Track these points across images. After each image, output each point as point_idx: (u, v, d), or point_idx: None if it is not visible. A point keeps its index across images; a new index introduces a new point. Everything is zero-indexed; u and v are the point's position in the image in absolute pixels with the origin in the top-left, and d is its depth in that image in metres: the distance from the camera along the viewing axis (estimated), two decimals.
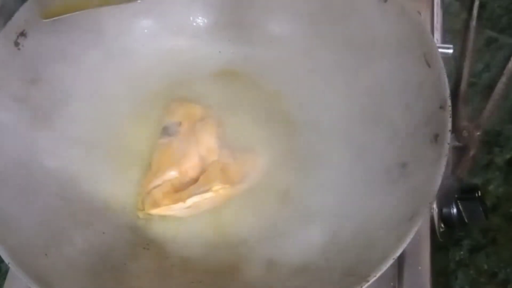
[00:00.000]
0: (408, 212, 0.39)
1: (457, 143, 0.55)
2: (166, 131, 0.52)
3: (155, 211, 0.47)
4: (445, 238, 0.49)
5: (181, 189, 0.48)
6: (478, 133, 0.56)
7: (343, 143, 0.50)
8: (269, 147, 0.51)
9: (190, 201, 0.47)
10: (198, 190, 0.47)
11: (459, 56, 0.61)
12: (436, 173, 0.39)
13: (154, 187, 0.48)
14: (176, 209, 0.47)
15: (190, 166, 0.49)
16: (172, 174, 0.49)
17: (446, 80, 0.42)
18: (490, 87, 0.59)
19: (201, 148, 0.50)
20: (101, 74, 0.54)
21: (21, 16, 0.48)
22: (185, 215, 0.48)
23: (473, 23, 0.63)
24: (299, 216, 0.47)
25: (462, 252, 0.51)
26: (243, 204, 0.49)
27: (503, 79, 0.59)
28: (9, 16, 0.48)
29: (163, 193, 0.48)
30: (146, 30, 0.56)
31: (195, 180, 0.49)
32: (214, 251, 0.47)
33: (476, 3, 0.64)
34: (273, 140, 0.51)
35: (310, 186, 0.49)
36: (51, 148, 0.49)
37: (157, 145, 0.51)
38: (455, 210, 0.47)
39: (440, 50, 0.48)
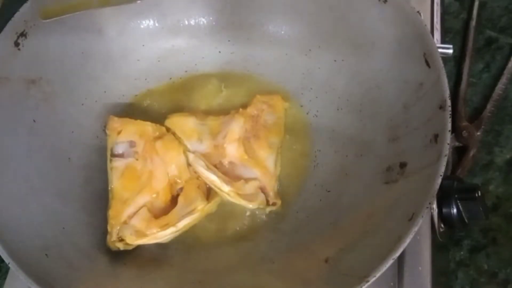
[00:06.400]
0: (408, 212, 0.39)
1: (457, 143, 0.55)
2: (117, 153, 0.48)
3: (141, 241, 0.45)
4: (445, 238, 0.49)
5: (159, 214, 0.46)
6: (478, 133, 0.55)
7: (343, 143, 0.50)
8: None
9: (181, 225, 0.45)
10: (183, 212, 0.45)
11: (459, 56, 0.61)
12: (436, 173, 0.39)
13: (129, 216, 0.45)
14: (166, 235, 0.45)
15: (162, 188, 0.47)
16: (144, 199, 0.46)
17: (446, 80, 0.42)
18: (490, 87, 0.59)
19: (170, 167, 0.47)
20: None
21: (21, 16, 0.48)
22: (168, 239, 0.46)
23: (473, 23, 0.63)
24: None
25: (462, 252, 0.51)
26: None
27: (503, 79, 0.59)
28: (9, 16, 0.48)
29: (144, 221, 0.45)
30: (146, 30, 0.56)
31: (172, 202, 0.47)
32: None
33: (476, 3, 0.64)
34: None
35: (309, 187, 0.49)
36: (49, 146, 0.49)
37: (112, 170, 0.48)
38: (455, 210, 0.47)
39: (440, 50, 0.48)
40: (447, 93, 0.42)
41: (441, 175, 0.39)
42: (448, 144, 0.40)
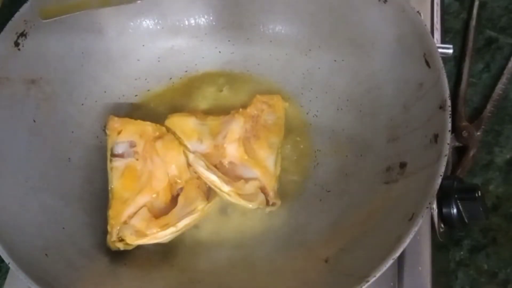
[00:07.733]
0: (408, 212, 0.39)
1: (457, 143, 0.55)
2: (117, 153, 0.48)
3: (141, 241, 0.45)
4: (445, 238, 0.49)
5: (159, 214, 0.46)
6: (478, 133, 0.56)
7: (343, 143, 0.50)
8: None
9: (181, 225, 0.45)
10: (183, 212, 0.45)
11: (459, 56, 0.61)
12: (436, 173, 0.39)
13: (130, 216, 0.45)
14: (166, 235, 0.45)
15: (162, 188, 0.47)
16: (144, 199, 0.46)
17: (446, 80, 0.42)
18: (490, 87, 0.59)
19: (170, 167, 0.47)
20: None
21: (21, 16, 0.48)
22: (168, 239, 0.46)
23: (473, 23, 0.63)
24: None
25: (462, 252, 0.51)
26: None
27: (503, 79, 0.59)
28: (9, 16, 0.48)
29: (144, 221, 0.45)
30: (146, 30, 0.56)
31: (172, 202, 0.47)
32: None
33: (476, 3, 0.64)
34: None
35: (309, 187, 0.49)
36: (49, 146, 0.49)
37: (112, 170, 0.47)
38: (455, 210, 0.47)
39: (440, 50, 0.48)
40: (447, 93, 0.42)
41: (441, 175, 0.39)
42: (448, 144, 0.40)
